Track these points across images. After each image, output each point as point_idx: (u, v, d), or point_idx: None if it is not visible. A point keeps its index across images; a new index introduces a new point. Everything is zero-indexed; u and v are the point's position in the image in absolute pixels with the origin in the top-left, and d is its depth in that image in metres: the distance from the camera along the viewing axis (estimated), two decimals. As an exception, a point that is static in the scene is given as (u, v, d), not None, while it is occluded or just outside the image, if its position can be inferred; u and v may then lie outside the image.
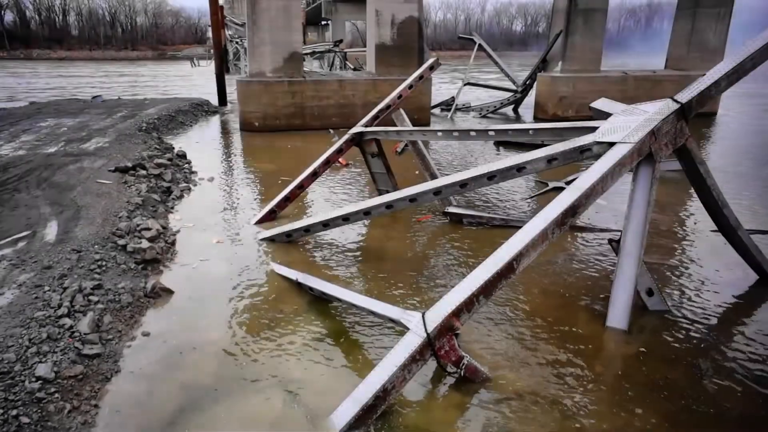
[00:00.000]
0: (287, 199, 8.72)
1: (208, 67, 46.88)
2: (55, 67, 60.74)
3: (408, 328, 4.29)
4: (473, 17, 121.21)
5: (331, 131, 17.37)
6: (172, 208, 9.10)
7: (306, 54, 30.66)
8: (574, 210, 4.72)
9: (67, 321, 4.73)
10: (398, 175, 9.50)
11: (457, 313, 4.23)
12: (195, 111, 20.49)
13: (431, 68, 10.00)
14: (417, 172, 11.82)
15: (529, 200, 10.11)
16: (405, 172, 11.49)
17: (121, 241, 6.72)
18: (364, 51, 41.01)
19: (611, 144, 5.20)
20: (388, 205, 6.56)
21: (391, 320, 4.72)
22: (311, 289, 5.97)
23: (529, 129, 6.39)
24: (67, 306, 4.90)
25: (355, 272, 6.85)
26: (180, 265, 6.90)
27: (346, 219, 6.96)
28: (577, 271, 6.84)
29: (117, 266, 6.17)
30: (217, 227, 8.32)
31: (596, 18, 19.44)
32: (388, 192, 9.67)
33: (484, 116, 22.15)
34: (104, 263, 6.05)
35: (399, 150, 13.92)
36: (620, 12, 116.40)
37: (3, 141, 12.58)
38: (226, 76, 24.04)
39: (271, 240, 7.72)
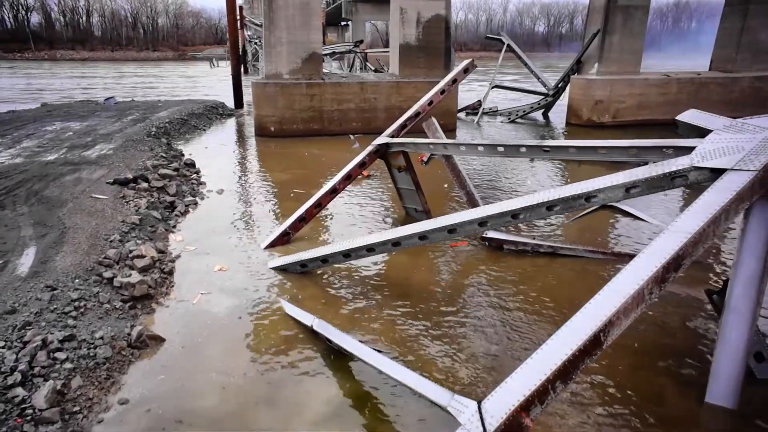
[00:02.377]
0: (302, 220, 7.67)
1: (227, 68, 46.33)
2: (75, 67, 61.05)
3: (459, 422, 3.18)
4: (495, 17, 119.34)
5: (352, 137, 16.34)
6: (174, 226, 8.13)
7: (325, 54, 29.73)
8: (678, 262, 3.54)
9: (20, 392, 3.73)
10: (424, 187, 8.38)
11: (526, 406, 3.10)
12: (209, 114, 19.65)
13: (465, 71, 8.85)
14: (446, 186, 10.72)
15: (574, 221, 8.90)
16: (432, 184, 10.39)
17: (108, 273, 5.73)
18: (385, 52, 39.99)
19: (719, 171, 4.01)
20: (422, 236, 5.46)
21: (434, 403, 3.61)
22: (329, 340, 4.90)
23: (598, 147, 5.21)
24: (23, 369, 3.90)
25: (378, 312, 5.76)
26: (176, 301, 5.89)
27: (370, 250, 5.87)
28: (648, 318, 5.63)
29: (99, 306, 5.18)
30: (222, 251, 7.31)
31: (637, 16, 18.06)
32: (416, 211, 8.60)
33: (513, 121, 20.88)
34: (83, 303, 5.07)
35: (425, 159, 12.81)
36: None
37: (3, 147, 11.81)
38: (245, 78, 23.22)
39: (283, 269, 6.68)
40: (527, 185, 11.15)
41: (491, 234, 7.55)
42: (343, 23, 66.71)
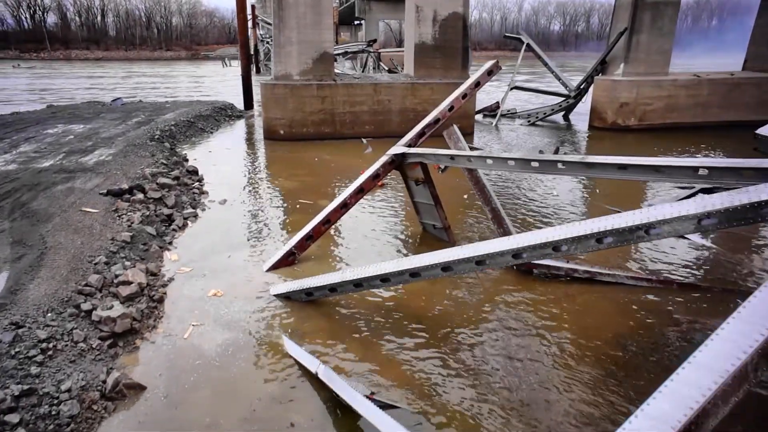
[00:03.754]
0: (309, 238, 6.94)
1: (240, 68, 45.89)
2: (86, 67, 61.18)
3: None
4: (510, 16, 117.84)
5: (364, 141, 15.59)
6: (170, 243, 7.44)
7: (338, 54, 29.03)
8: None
9: (-45, 473, 3.03)
10: (441, 196, 7.55)
11: None
12: (217, 116, 19.04)
13: (489, 73, 8.03)
14: (466, 197, 9.92)
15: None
16: (448, 194, 9.61)
17: (86, 305, 5.05)
18: (399, 51, 39.18)
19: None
20: (445, 268, 4.69)
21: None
22: (336, 393, 4.15)
23: (660, 166, 4.36)
24: (-37, 441, 3.21)
25: (393, 349, 4.99)
26: (164, 335, 5.19)
27: (385, 280, 5.12)
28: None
29: (72, 347, 4.49)
30: (220, 273, 6.61)
31: (667, 13, 17.06)
32: (434, 227, 7.82)
33: (533, 124, 19.97)
34: (52, 344, 4.38)
35: (442, 167, 12.02)
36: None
37: (-1, 152, 11.27)
38: (257, 78, 22.58)
39: (286, 296, 5.95)
40: (554, 195, 10.30)
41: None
42: (356, 22, 66.05)
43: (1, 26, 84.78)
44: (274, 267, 6.75)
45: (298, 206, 9.40)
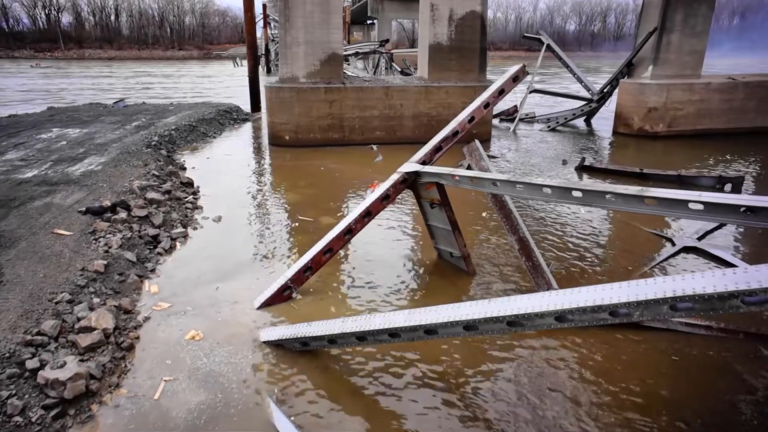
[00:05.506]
0: (308, 269, 6.03)
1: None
2: (96, 67, 61.05)
3: None
4: (524, 16, 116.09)
5: (374, 147, 14.68)
6: (153, 270, 6.59)
7: (349, 55, 28.14)
8: None
9: None
10: (456, 212, 6.57)
11: None
12: (221, 119, 18.23)
13: (515, 79, 7.07)
14: (485, 214, 8.96)
15: (652, 268, 7.04)
16: (464, 210, 8.70)
17: (33, 361, 4.19)
18: (412, 52, 38.20)
19: None
20: (469, 326, 3.77)
21: None
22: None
23: (760, 208, 3.38)
24: None
25: (405, 410, 4.07)
26: (128, 396, 4.31)
27: (394, 335, 4.19)
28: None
29: (4, 423, 3.63)
30: (204, 309, 5.74)
31: (701, 11, 15.90)
32: (451, 255, 6.87)
33: (553, 129, 18.89)
34: (-21, 421, 3.52)
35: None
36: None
37: (-17, 160, 10.53)
38: (267, 79, 21.78)
39: (277, 344, 5.06)
40: (587, 211, 9.27)
41: (552, 295, 5.77)
42: (368, 22, 65.20)
43: (17, 26, 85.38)
44: (267, 303, 5.85)
45: (297, 224, 8.51)
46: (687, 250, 7.51)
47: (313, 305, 5.94)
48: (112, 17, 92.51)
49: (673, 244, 7.61)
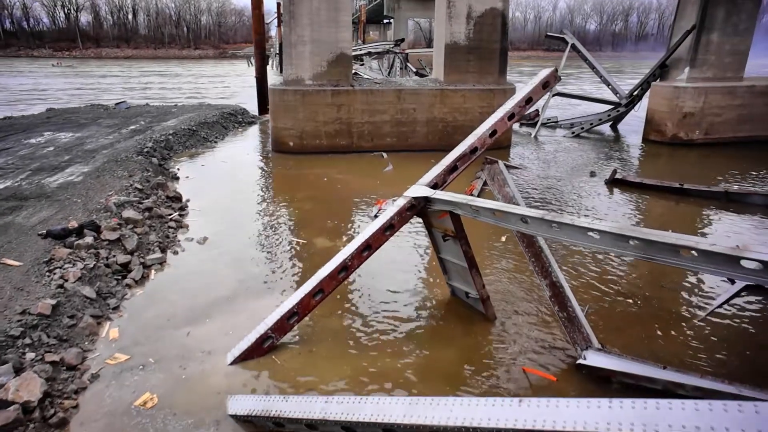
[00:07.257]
0: (293, 316, 4.99)
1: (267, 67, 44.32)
2: (113, 66, 60.95)
3: None
4: (544, 15, 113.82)
5: (384, 155, 13.60)
6: (116, 308, 5.62)
7: (363, 54, 27.11)
8: None
9: None
10: (469, 234, 5.46)
11: None
12: (225, 122, 17.32)
13: (545, 86, 5.94)
14: (504, 239, 7.84)
15: (711, 313, 5.85)
16: (479, 234, 7.62)
17: None
18: (428, 51, 37.01)
19: None
20: (492, 439, 2.68)
21: None
22: None
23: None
24: None
25: None
26: (44, 499, 3.32)
27: (388, 431, 3.13)
28: None
29: None
30: (167, 362, 4.75)
31: (745, 8, 14.52)
32: (467, 296, 5.77)
33: (577, 135, 17.62)
34: None
35: (476, 192, 9.96)
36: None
37: (-42, 168, 9.72)
38: (275, 80, 20.80)
39: (246, 420, 4.02)
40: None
41: (593, 356, 4.65)
42: (385, 21, 64.12)
43: (37, 26, 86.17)
44: (243, 358, 4.83)
45: (288, 247, 7.48)
46: (750, 288, 6.31)
47: (299, 359, 4.90)
48: (130, 16, 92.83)
49: (732, 283, 6.41)
